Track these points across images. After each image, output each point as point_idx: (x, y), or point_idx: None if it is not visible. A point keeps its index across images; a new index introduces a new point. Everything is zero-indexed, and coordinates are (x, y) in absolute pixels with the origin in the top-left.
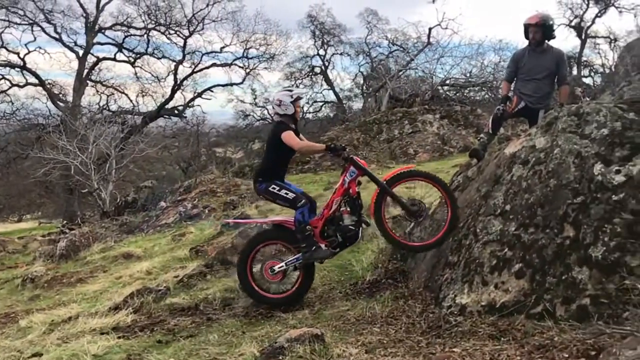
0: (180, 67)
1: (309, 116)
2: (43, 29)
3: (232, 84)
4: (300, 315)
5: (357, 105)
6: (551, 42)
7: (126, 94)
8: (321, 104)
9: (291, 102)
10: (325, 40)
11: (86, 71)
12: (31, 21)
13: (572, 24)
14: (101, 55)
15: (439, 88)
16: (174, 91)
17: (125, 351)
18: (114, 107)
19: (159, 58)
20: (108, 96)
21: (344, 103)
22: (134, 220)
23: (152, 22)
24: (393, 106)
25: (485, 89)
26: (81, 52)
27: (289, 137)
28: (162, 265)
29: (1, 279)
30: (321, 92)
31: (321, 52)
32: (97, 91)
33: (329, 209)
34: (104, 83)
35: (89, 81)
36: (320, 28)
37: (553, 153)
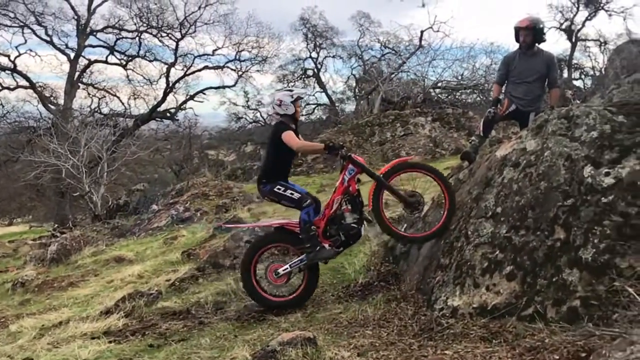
0: (172, 69)
1: (302, 118)
2: (34, 32)
3: (224, 87)
4: (292, 318)
5: (349, 107)
6: (542, 45)
7: (118, 97)
8: (314, 106)
9: (291, 102)
10: (318, 43)
11: (77, 74)
12: (22, 23)
13: (563, 27)
14: (93, 58)
15: (431, 91)
16: (166, 94)
17: (117, 356)
18: (105, 110)
19: (150, 61)
20: (100, 99)
21: (336, 105)
22: (125, 224)
23: (144, 24)
24: (385, 109)
25: (477, 92)
26: (72, 55)
27: (289, 137)
28: (153, 268)
29: None
30: (314, 95)
31: (314, 54)
32: (89, 94)
33: (330, 208)
34: (95, 86)
35: (80, 84)
36: (313, 31)
37: (543, 155)
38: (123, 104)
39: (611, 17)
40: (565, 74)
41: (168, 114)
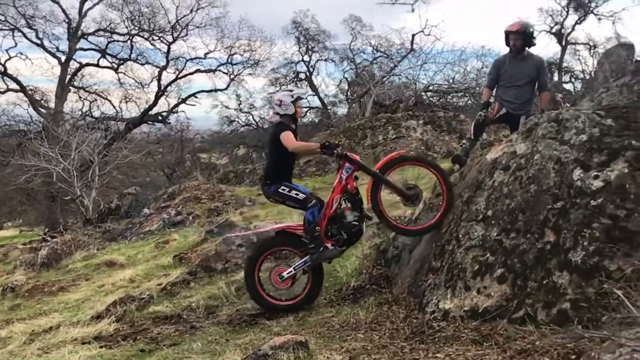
0: (164, 73)
1: None
2: (24, 35)
3: (216, 90)
4: (284, 322)
5: (341, 110)
6: (532, 49)
7: (109, 100)
8: (306, 109)
9: (292, 102)
10: (310, 47)
11: (69, 77)
12: (12, 26)
13: (553, 30)
14: (84, 61)
15: (423, 94)
16: (157, 97)
17: None
18: (97, 113)
19: (142, 64)
20: (91, 102)
21: (328, 109)
22: (117, 228)
23: (136, 28)
24: (377, 112)
25: (468, 95)
26: (63, 58)
27: (286, 137)
28: (145, 273)
29: None
30: (306, 98)
31: (306, 58)
32: (80, 97)
33: (329, 208)
34: (86, 89)
35: (71, 87)
36: (305, 34)
37: (533, 159)
38: (114, 107)
39: (600, 21)
40: (556, 77)
41: (160, 117)
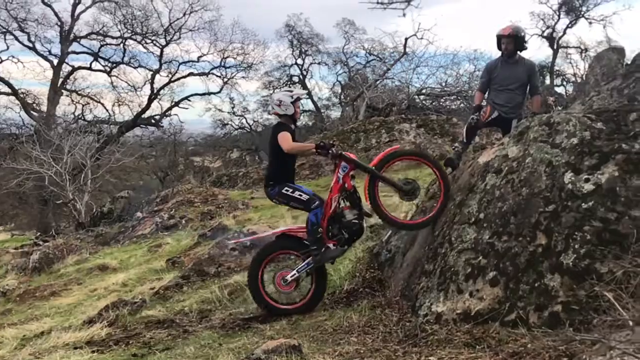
0: (157, 76)
1: None
2: (16, 38)
3: (209, 93)
4: (277, 326)
5: (335, 114)
6: (524, 53)
7: (102, 104)
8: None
9: (291, 103)
10: (303, 50)
11: (61, 80)
12: (4, 30)
13: (545, 34)
14: (76, 64)
15: (415, 97)
16: (150, 100)
17: None
18: (89, 117)
19: (135, 67)
20: (83, 105)
21: (322, 112)
22: (109, 231)
23: (129, 31)
24: (370, 115)
25: (461, 98)
26: (56, 61)
27: (282, 138)
28: (137, 277)
29: None
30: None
31: (299, 61)
32: (72, 100)
33: (329, 207)
34: (79, 92)
35: (63, 90)
36: (298, 37)
37: (525, 162)
38: (107, 110)
39: (591, 25)
40: (548, 81)
41: (153, 121)
